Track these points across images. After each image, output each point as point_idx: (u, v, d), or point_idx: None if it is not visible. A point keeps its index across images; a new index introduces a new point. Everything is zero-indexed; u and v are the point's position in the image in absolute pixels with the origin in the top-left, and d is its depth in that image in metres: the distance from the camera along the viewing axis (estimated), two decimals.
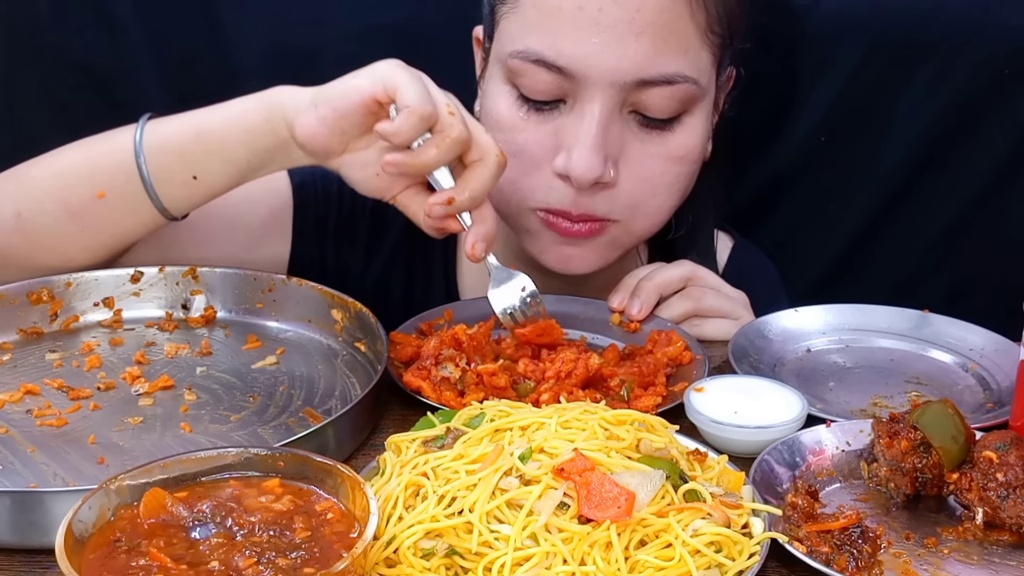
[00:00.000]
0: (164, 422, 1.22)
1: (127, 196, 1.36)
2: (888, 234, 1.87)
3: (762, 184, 1.89)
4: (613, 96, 1.36)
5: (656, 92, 1.37)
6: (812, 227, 1.90)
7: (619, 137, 1.39)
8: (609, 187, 1.40)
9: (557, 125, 1.40)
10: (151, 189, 1.35)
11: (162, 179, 1.35)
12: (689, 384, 1.26)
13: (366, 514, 0.89)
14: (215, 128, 1.33)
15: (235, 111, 1.33)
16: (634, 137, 1.40)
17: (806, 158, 1.84)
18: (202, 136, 1.33)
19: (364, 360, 1.35)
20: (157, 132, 1.35)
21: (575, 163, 1.36)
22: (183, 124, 1.35)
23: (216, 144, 1.33)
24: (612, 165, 1.39)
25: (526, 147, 1.41)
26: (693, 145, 1.43)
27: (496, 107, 1.43)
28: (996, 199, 1.81)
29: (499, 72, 1.43)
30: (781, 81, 1.81)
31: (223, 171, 1.35)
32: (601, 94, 1.35)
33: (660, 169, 1.42)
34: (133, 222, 1.39)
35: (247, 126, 1.31)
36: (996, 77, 1.73)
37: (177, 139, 1.34)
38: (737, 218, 1.86)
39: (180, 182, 1.35)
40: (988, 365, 1.37)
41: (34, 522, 1.00)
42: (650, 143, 1.41)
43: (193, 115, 1.35)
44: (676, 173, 1.44)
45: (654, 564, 0.93)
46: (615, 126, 1.38)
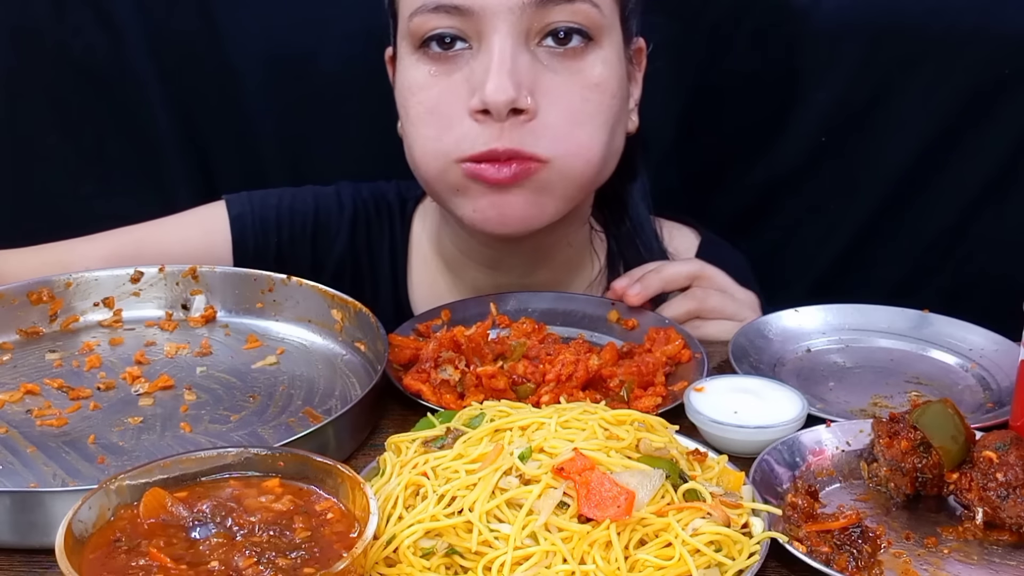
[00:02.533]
0: (164, 422, 1.22)
1: None
2: (888, 234, 1.87)
3: (762, 184, 1.89)
4: (515, 24, 1.35)
5: (557, 10, 1.36)
6: (812, 227, 1.90)
7: (530, 68, 1.37)
8: (531, 119, 1.37)
9: (466, 72, 1.38)
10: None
11: None
12: (689, 384, 1.26)
13: (366, 514, 0.89)
14: None
15: None
16: (545, 68, 1.38)
17: (806, 158, 1.84)
18: None
19: (364, 360, 1.35)
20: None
21: (488, 91, 1.33)
22: None
23: None
24: (528, 93, 1.36)
25: (441, 99, 1.39)
26: (608, 76, 1.41)
27: (408, 76, 1.42)
28: (996, 199, 1.81)
29: (407, 45, 1.42)
30: (781, 81, 1.81)
31: None
32: (503, 23, 1.34)
33: (578, 96, 1.39)
34: None
35: None
36: (996, 77, 1.73)
37: None
38: (737, 217, 1.86)
39: None
40: (988, 365, 1.37)
41: (34, 522, 1.00)
42: (563, 73, 1.39)
43: None
44: (596, 102, 1.41)
45: (654, 563, 0.93)
46: (523, 56, 1.37)
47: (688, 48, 1.77)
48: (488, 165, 1.37)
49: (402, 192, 1.69)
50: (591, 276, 1.64)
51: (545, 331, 1.43)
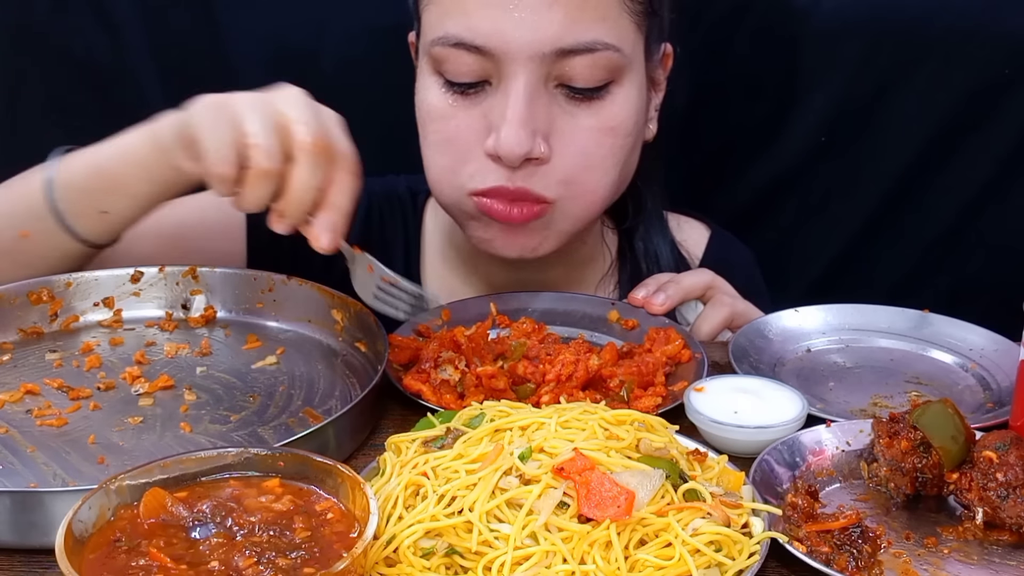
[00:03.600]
0: (164, 422, 1.22)
1: (49, 232, 1.36)
2: (888, 234, 1.87)
3: (762, 184, 1.89)
4: (535, 70, 1.35)
5: (578, 61, 1.36)
6: (812, 227, 1.90)
7: (547, 112, 1.38)
8: (543, 163, 1.39)
9: (485, 108, 1.39)
10: (69, 226, 1.35)
11: (75, 215, 1.35)
12: (689, 384, 1.26)
13: (366, 514, 0.89)
14: (111, 166, 1.32)
15: (125, 146, 1.31)
16: (562, 111, 1.39)
17: (806, 158, 1.85)
18: (101, 174, 1.33)
19: (364, 360, 1.35)
20: (66, 170, 1.35)
21: (503, 140, 1.35)
22: (85, 161, 1.35)
23: (115, 182, 1.32)
24: (543, 140, 1.37)
25: (458, 133, 1.41)
26: (625, 116, 1.42)
27: (427, 98, 1.43)
28: (996, 199, 1.81)
29: (426, 64, 1.43)
30: (781, 81, 1.81)
31: (130, 204, 1.35)
32: (523, 69, 1.35)
33: (593, 142, 1.41)
34: (61, 254, 1.39)
35: (138, 161, 1.30)
36: (996, 77, 1.73)
37: (81, 177, 1.34)
38: (737, 217, 1.86)
39: (94, 217, 1.36)
40: (988, 365, 1.37)
41: (34, 522, 1.00)
42: (580, 115, 1.40)
43: (93, 150, 1.34)
44: (610, 145, 1.42)
45: (654, 563, 0.93)
46: (541, 100, 1.37)
47: (688, 48, 1.77)
48: (497, 202, 1.40)
49: (411, 186, 1.69)
50: (603, 270, 1.65)
51: (545, 331, 1.43)
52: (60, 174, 1.35)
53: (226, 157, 1.16)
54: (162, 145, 1.27)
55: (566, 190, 1.42)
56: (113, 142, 1.33)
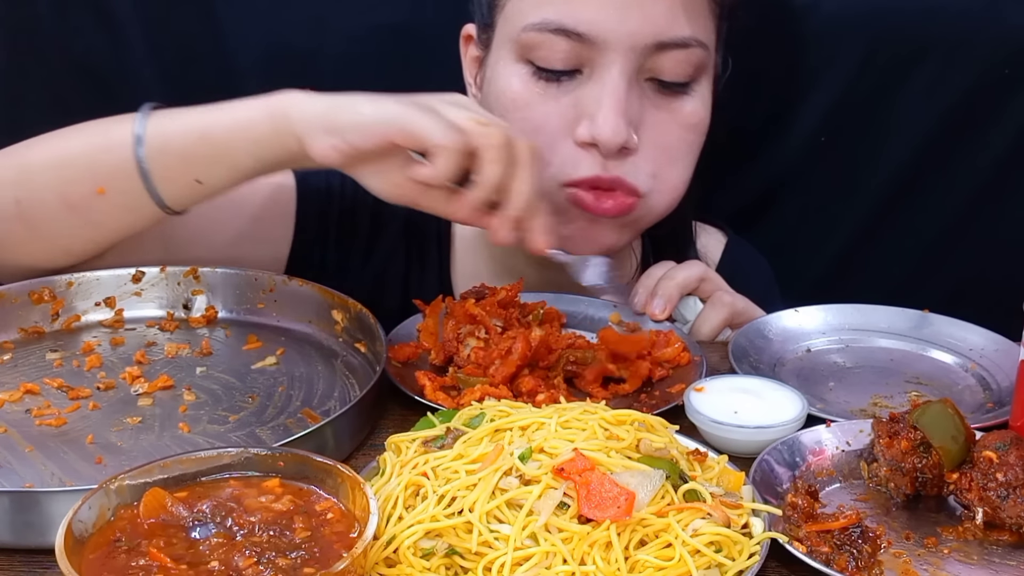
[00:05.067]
0: (163, 422, 1.22)
1: (129, 193, 1.34)
2: (888, 234, 1.87)
3: (763, 184, 1.89)
4: (632, 61, 1.36)
5: (671, 56, 1.37)
6: (812, 227, 1.90)
7: (638, 103, 1.40)
8: (631, 153, 1.40)
9: (576, 96, 1.40)
10: (153, 189, 1.33)
11: (165, 179, 1.33)
12: (688, 384, 1.26)
13: (366, 514, 0.89)
14: (220, 135, 1.30)
15: (241, 119, 1.30)
16: (651, 104, 1.41)
17: (806, 158, 1.84)
18: (207, 141, 1.31)
19: (363, 361, 1.35)
20: (160, 131, 1.32)
21: (600, 128, 1.36)
22: (187, 126, 1.32)
23: (221, 152, 1.31)
24: (635, 131, 1.39)
25: (547, 121, 1.41)
26: (704, 114, 1.45)
27: (510, 87, 1.43)
28: (996, 199, 1.81)
29: (509, 52, 1.43)
30: (781, 81, 1.81)
31: (228, 176, 1.34)
32: (621, 58, 1.36)
33: (676, 136, 1.43)
34: (135, 217, 1.38)
35: (254, 137, 1.29)
36: (996, 77, 1.73)
37: (180, 142, 1.32)
38: (737, 217, 1.86)
39: (184, 184, 1.34)
40: (988, 365, 1.37)
41: (31, 522, 1.00)
42: (666, 110, 1.41)
43: (196, 116, 1.32)
44: (690, 142, 1.44)
45: (654, 564, 0.93)
46: (634, 92, 1.39)
47: None
48: (590, 193, 1.40)
49: None
50: (630, 272, 1.65)
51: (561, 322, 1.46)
52: (154, 134, 1.31)
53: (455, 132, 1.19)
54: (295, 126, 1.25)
55: (654, 184, 1.43)
56: (223, 110, 1.31)
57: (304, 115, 1.26)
